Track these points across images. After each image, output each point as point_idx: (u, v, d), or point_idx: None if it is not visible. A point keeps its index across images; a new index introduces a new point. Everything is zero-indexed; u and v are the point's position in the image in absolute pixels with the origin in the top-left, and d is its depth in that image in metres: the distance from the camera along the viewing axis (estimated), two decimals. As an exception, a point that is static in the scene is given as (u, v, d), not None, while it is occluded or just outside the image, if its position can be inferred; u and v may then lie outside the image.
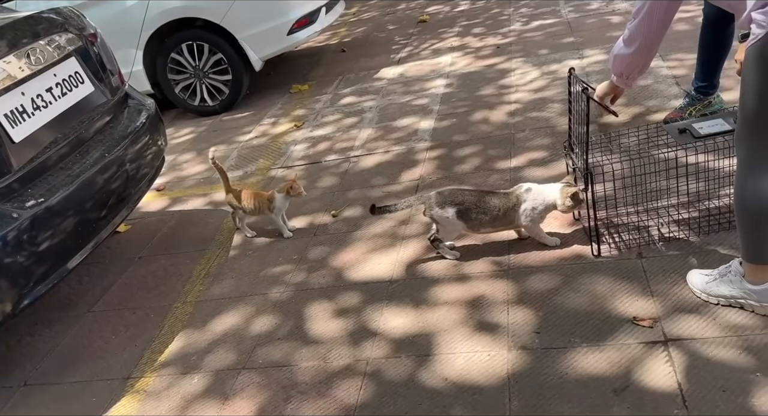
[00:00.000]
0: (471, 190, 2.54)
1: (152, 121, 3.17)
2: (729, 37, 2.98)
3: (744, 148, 1.79)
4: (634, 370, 1.90)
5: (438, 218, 2.52)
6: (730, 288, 2.00)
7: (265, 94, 5.41)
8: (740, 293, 1.98)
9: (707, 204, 2.53)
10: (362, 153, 3.82)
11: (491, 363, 2.06)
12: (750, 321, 1.96)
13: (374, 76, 5.19)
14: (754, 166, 1.77)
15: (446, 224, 2.52)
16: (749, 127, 1.75)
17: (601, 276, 2.31)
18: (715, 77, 3.11)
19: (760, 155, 1.75)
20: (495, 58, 4.93)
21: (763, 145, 1.74)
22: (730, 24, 2.90)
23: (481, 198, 2.49)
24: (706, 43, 3.06)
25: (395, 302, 2.45)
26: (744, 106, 1.74)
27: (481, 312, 2.30)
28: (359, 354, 2.23)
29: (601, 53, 4.41)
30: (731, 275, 1.99)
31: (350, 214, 3.17)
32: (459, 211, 2.48)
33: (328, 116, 4.56)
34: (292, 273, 2.80)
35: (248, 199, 3.04)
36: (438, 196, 2.52)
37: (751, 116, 1.73)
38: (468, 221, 2.50)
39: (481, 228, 2.53)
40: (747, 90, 1.70)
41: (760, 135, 1.73)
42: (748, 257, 1.92)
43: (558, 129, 3.50)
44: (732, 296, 2.00)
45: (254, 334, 2.47)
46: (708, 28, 3.01)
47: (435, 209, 2.50)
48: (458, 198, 2.49)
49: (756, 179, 1.77)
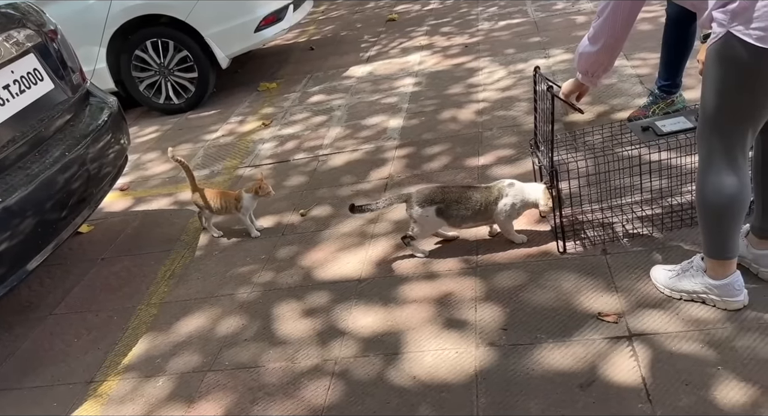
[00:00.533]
0: (452, 187, 2.54)
1: (115, 119, 3.10)
2: (691, 36, 3.03)
3: (705, 145, 1.82)
4: (599, 365, 1.92)
5: (417, 217, 2.51)
6: (692, 283, 2.03)
7: (233, 92, 5.35)
8: (702, 288, 2.01)
9: (670, 201, 2.57)
10: (331, 151, 3.80)
11: (459, 361, 2.06)
12: (712, 316, 2.00)
13: (343, 75, 5.17)
14: (715, 162, 1.80)
15: (424, 223, 2.52)
16: (710, 124, 1.78)
17: (566, 273, 2.34)
18: (678, 76, 3.17)
19: (721, 151, 1.78)
20: (463, 57, 4.95)
21: (723, 142, 1.77)
22: (692, 23, 2.96)
23: (462, 193, 2.49)
24: (669, 43, 3.11)
25: (364, 301, 2.44)
26: (705, 104, 1.76)
27: (449, 309, 2.30)
28: (327, 354, 2.21)
29: (567, 52, 4.46)
30: (693, 270, 2.03)
31: (319, 213, 3.15)
32: (439, 210, 2.48)
33: (297, 114, 4.53)
34: (259, 273, 2.77)
35: (215, 199, 3.00)
36: (418, 194, 2.52)
37: (711, 114, 1.75)
38: (449, 218, 2.50)
39: (462, 223, 2.53)
40: (708, 88, 1.73)
41: (721, 132, 1.76)
42: (709, 253, 1.95)
43: (524, 127, 3.52)
44: (694, 291, 2.04)
45: (220, 336, 2.44)
46: (671, 27, 3.06)
47: (415, 208, 2.50)
48: (438, 196, 2.49)
49: (716, 176, 1.81)
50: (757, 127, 1.75)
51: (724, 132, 1.76)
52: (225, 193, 3.02)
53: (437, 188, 2.53)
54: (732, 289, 1.96)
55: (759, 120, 1.73)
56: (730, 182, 1.79)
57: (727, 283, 1.95)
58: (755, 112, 1.70)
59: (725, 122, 1.74)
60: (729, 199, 1.81)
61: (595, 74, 2.18)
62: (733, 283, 1.95)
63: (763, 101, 1.67)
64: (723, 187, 1.80)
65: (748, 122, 1.72)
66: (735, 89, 1.67)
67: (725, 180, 1.79)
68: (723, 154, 1.78)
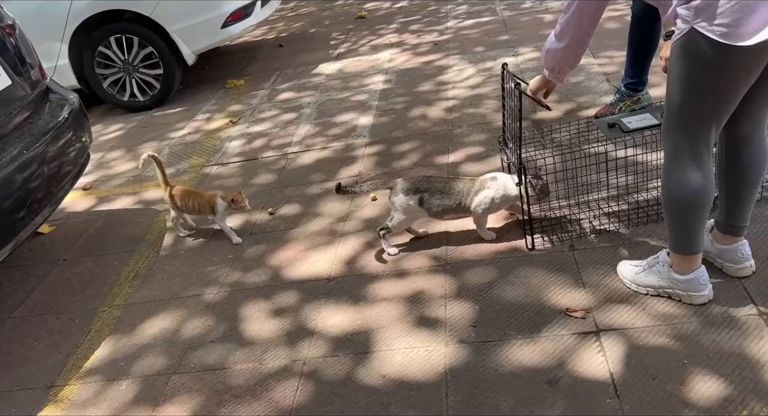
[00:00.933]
0: (436, 177, 2.55)
1: (76, 116, 3.02)
2: (656, 34, 3.07)
3: (670, 141, 1.84)
4: (568, 361, 1.93)
5: (399, 205, 2.50)
6: (658, 278, 2.05)
7: (199, 89, 5.28)
8: (668, 283, 2.03)
9: (636, 197, 2.60)
10: (300, 149, 3.77)
11: (429, 359, 2.05)
12: (678, 310, 2.02)
13: (312, 72, 5.13)
14: (680, 158, 1.82)
15: (405, 211, 2.51)
16: (675, 121, 1.79)
17: (535, 269, 2.34)
18: (644, 74, 3.21)
19: (686, 148, 1.79)
20: (433, 54, 4.95)
21: (688, 138, 1.78)
22: (657, 22, 2.99)
23: (446, 184, 2.50)
24: (634, 41, 3.14)
25: (333, 300, 2.42)
26: (670, 101, 1.78)
27: (419, 307, 2.29)
28: (296, 355, 2.18)
29: (535, 50, 4.49)
30: (659, 265, 2.05)
31: (287, 212, 3.11)
32: (422, 199, 2.48)
33: (265, 112, 4.48)
34: (226, 273, 2.72)
35: (187, 198, 2.91)
36: (403, 182, 2.52)
37: (676, 110, 1.77)
38: (431, 208, 2.49)
39: (444, 214, 2.53)
40: (672, 85, 1.74)
41: (686, 128, 1.78)
42: (674, 248, 1.97)
43: (494, 125, 3.53)
44: (660, 286, 2.06)
45: (186, 337, 2.39)
46: (636, 25, 3.09)
47: (399, 195, 2.49)
48: (423, 185, 2.50)
49: (682, 172, 1.82)
50: (721, 123, 1.77)
51: (689, 128, 1.77)
52: (198, 194, 2.94)
53: (422, 177, 2.54)
54: (697, 284, 1.98)
55: (723, 116, 1.74)
56: (695, 178, 1.80)
57: (693, 278, 1.97)
58: (719, 108, 1.72)
59: (690, 118, 1.76)
60: (694, 194, 1.83)
61: (561, 71, 2.19)
62: (698, 278, 1.97)
63: (727, 97, 1.69)
64: (688, 183, 1.82)
65: (713, 118, 1.74)
66: (699, 85, 1.68)
67: (690, 176, 1.81)
68: (688, 150, 1.80)
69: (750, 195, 1.96)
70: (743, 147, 1.89)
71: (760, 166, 1.91)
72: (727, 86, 1.67)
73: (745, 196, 1.96)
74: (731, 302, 2.00)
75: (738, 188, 1.96)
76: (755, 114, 1.84)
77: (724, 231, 2.05)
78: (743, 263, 2.06)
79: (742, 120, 1.83)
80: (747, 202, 1.97)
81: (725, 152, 1.93)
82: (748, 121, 1.84)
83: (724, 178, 1.98)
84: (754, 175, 1.93)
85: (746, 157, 1.90)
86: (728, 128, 1.84)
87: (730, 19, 1.52)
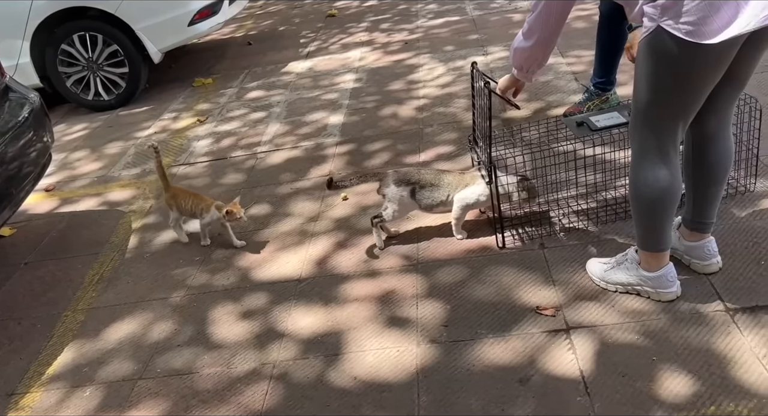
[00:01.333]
0: (428, 170, 2.55)
1: (36, 115, 2.93)
2: (624, 34, 3.08)
3: (637, 139, 1.84)
4: (539, 359, 1.92)
5: (391, 196, 2.49)
6: (627, 275, 2.06)
7: (166, 87, 5.19)
8: (636, 280, 2.04)
9: (605, 194, 2.62)
10: (270, 148, 3.72)
11: (400, 359, 2.03)
12: (646, 307, 2.03)
13: (282, 70, 5.08)
14: (648, 156, 1.83)
15: (398, 203, 2.49)
16: (642, 119, 1.80)
17: (505, 268, 2.34)
18: (612, 74, 3.23)
19: (653, 145, 1.80)
20: (403, 53, 4.93)
21: (655, 136, 1.79)
22: (624, 21, 3.00)
23: (437, 176, 2.49)
24: (602, 41, 3.16)
25: (304, 301, 2.38)
26: (637, 99, 1.78)
27: (390, 307, 2.26)
28: (265, 358, 2.14)
29: (504, 50, 4.50)
30: (628, 263, 2.06)
31: (257, 212, 3.06)
32: (413, 191, 2.47)
33: (234, 111, 4.42)
34: (194, 276, 2.66)
35: (187, 200, 2.79)
36: (394, 174, 2.51)
37: (643, 108, 1.77)
38: (422, 200, 2.49)
39: (434, 207, 2.52)
40: (640, 83, 1.75)
41: (653, 126, 1.79)
42: (642, 245, 1.98)
43: (464, 123, 3.53)
44: (629, 283, 2.07)
45: (152, 342, 2.33)
46: (604, 25, 3.11)
47: (390, 187, 2.48)
48: (414, 177, 2.49)
49: (649, 170, 1.83)
50: (688, 121, 1.78)
51: (656, 126, 1.78)
52: (200, 198, 2.81)
53: (413, 169, 2.54)
54: (665, 281, 1.99)
55: (689, 114, 1.76)
56: (663, 176, 1.81)
57: (661, 275, 1.98)
58: (685, 106, 1.73)
59: (657, 117, 1.77)
60: (661, 192, 1.84)
61: (530, 70, 2.18)
62: (666, 275, 1.99)
63: (693, 95, 1.70)
64: (655, 181, 1.83)
65: (679, 116, 1.75)
66: (666, 84, 1.69)
67: (657, 173, 1.82)
68: (655, 148, 1.81)
69: (716, 192, 1.98)
70: (710, 144, 1.91)
71: (726, 163, 1.93)
72: (693, 84, 1.68)
73: (712, 193, 1.98)
74: (699, 298, 2.02)
75: (705, 185, 1.98)
76: (721, 111, 1.85)
77: (691, 229, 2.07)
78: (710, 260, 2.08)
79: (709, 118, 1.85)
80: (713, 199, 1.99)
81: (692, 150, 1.95)
82: (714, 119, 1.86)
83: (690, 176, 2.00)
84: (720, 172, 1.95)
85: (713, 154, 1.92)
86: (695, 126, 1.85)
87: (695, 17, 1.53)
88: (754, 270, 2.08)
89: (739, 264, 2.12)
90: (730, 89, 1.79)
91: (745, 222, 2.32)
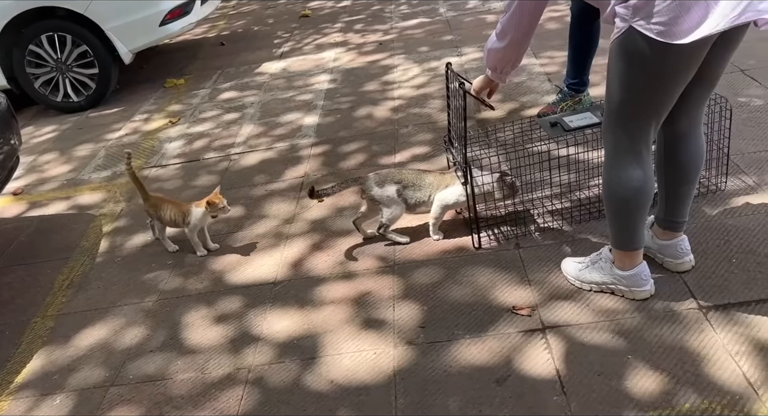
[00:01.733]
0: (408, 170, 2.54)
1: (3, 117, 2.85)
2: (596, 34, 3.11)
3: (610, 139, 1.85)
4: (515, 359, 1.92)
5: (380, 198, 2.46)
6: (601, 274, 2.07)
7: (137, 88, 5.12)
8: (611, 279, 2.05)
9: (578, 194, 2.63)
10: (243, 150, 3.68)
11: (377, 362, 2.01)
12: (621, 306, 2.04)
13: (255, 71, 5.04)
14: (620, 156, 1.84)
15: (389, 203, 2.47)
16: (615, 119, 1.81)
17: (481, 268, 2.34)
18: (585, 74, 3.24)
19: (626, 145, 1.81)
20: (378, 54, 4.92)
21: (627, 136, 1.80)
22: (595, 20, 3.03)
23: (418, 176, 2.49)
24: (574, 41, 3.18)
25: (279, 304, 2.35)
26: (610, 99, 1.79)
27: (367, 309, 2.25)
28: (240, 362, 2.11)
29: (478, 51, 4.52)
30: (602, 262, 2.07)
31: (231, 214, 3.00)
32: (398, 190, 2.46)
33: (207, 112, 4.37)
34: (166, 280, 2.62)
35: (167, 209, 2.71)
36: (376, 176, 2.49)
37: (615, 108, 1.78)
38: (407, 200, 2.47)
39: (417, 207, 2.50)
40: (612, 83, 1.76)
41: (625, 126, 1.80)
42: (616, 244, 1.99)
43: (439, 124, 3.53)
44: (603, 282, 2.08)
45: (124, 347, 2.28)
46: (575, 26, 3.13)
47: (375, 189, 2.45)
48: (396, 176, 2.47)
49: (622, 169, 1.84)
50: (660, 121, 1.79)
51: (629, 126, 1.79)
52: (177, 204, 2.74)
53: (394, 170, 2.53)
54: (639, 279, 2.01)
55: (661, 113, 1.77)
56: (636, 175, 1.82)
57: (634, 274, 2.00)
58: (657, 105, 1.74)
59: (629, 117, 1.78)
60: (634, 191, 1.85)
61: (503, 70, 2.19)
62: (640, 274, 2.00)
63: (665, 95, 1.72)
64: (628, 180, 1.84)
65: (651, 116, 1.76)
66: (638, 84, 1.70)
67: (630, 173, 1.83)
68: (628, 147, 1.81)
69: (688, 191, 2.00)
70: (681, 144, 1.92)
71: (698, 162, 1.95)
72: (665, 84, 1.69)
73: (684, 192, 2.00)
74: (672, 296, 2.03)
75: (677, 184, 1.99)
76: (692, 111, 1.87)
77: (664, 227, 2.09)
78: (683, 258, 2.10)
79: (680, 117, 1.86)
80: (686, 197, 2.01)
81: (664, 149, 1.96)
82: (685, 118, 1.88)
83: (663, 175, 2.01)
84: (692, 171, 1.96)
85: (684, 153, 1.93)
86: (666, 126, 1.87)
87: (666, 17, 1.54)
88: (726, 268, 2.11)
89: (711, 262, 2.14)
90: (701, 89, 1.80)
91: (717, 220, 2.35)
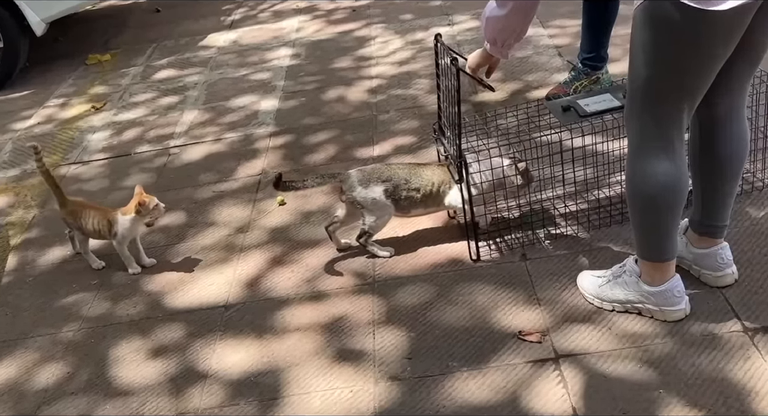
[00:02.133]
0: (399, 164, 2.57)
1: None
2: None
3: (635, 126, 1.87)
4: (523, 395, 1.94)
5: (363, 201, 2.46)
6: (625, 291, 2.10)
7: (52, 66, 5.14)
8: (637, 296, 2.08)
9: (597, 194, 2.66)
10: (186, 142, 3.71)
11: (355, 402, 2.02)
12: (649, 329, 2.07)
13: (200, 44, 5.08)
14: (646, 146, 1.86)
15: (374, 207, 2.48)
16: (640, 101, 1.83)
17: (481, 285, 2.36)
18: (603, 47, 3.28)
19: (653, 133, 1.84)
20: (350, 23, 4.96)
21: (655, 122, 1.82)
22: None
23: (411, 171, 2.49)
24: (590, 9, 3.21)
25: (232, 333, 2.36)
26: (633, 78, 1.81)
27: (341, 338, 2.26)
28: (184, 405, 2.11)
29: (474, 19, 4.56)
30: (626, 276, 2.09)
31: (170, 222, 3.03)
32: (387, 190, 2.46)
33: (139, 95, 4.40)
34: (90, 304, 2.62)
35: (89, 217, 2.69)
36: (359, 173, 2.50)
37: (641, 89, 1.80)
38: (398, 201, 2.48)
39: (411, 209, 2.52)
40: (636, 57, 1.78)
41: (652, 110, 1.82)
42: (643, 254, 2.02)
43: (427, 109, 3.56)
44: (628, 300, 2.10)
45: (38, 389, 2.28)
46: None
47: (357, 189, 2.46)
48: (384, 173, 2.48)
49: (648, 162, 1.86)
50: (694, 104, 1.81)
51: (657, 110, 1.82)
52: (102, 211, 2.72)
53: (381, 165, 2.55)
54: (671, 297, 2.03)
55: (696, 95, 1.79)
56: (665, 169, 1.85)
57: (666, 290, 2.02)
58: (691, 86, 1.76)
59: (656, 98, 1.80)
60: (663, 188, 1.87)
61: (505, 43, 2.21)
62: (672, 290, 2.03)
63: (700, 72, 1.73)
64: (656, 175, 1.86)
65: (684, 99, 1.78)
66: (666, 57, 1.72)
67: (659, 166, 1.85)
68: (656, 136, 1.84)
69: (729, 189, 2.03)
70: (720, 131, 1.95)
71: (740, 154, 1.98)
72: (699, 59, 1.71)
73: (724, 191, 2.03)
74: (711, 317, 2.06)
75: (715, 181, 2.02)
76: (733, 92, 1.90)
77: (701, 233, 2.12)
78: (724, 270, 2.13)
79: (718, 99, 1.89)
80: (726, 197, 2.04)
81: (699, 138, 1.99)
82: (725, 101, 1.90)
83: (698, 169, 2.04)
84: (734, 164, 1.99)
85: (724, 143, 1.96)
86: (702, 110, 1.88)
87: (700, -22, 1.56)
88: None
89: (759, 274, 2.18)
90: (743, 65, 1.83)
91: (764, 224, 2.39)
